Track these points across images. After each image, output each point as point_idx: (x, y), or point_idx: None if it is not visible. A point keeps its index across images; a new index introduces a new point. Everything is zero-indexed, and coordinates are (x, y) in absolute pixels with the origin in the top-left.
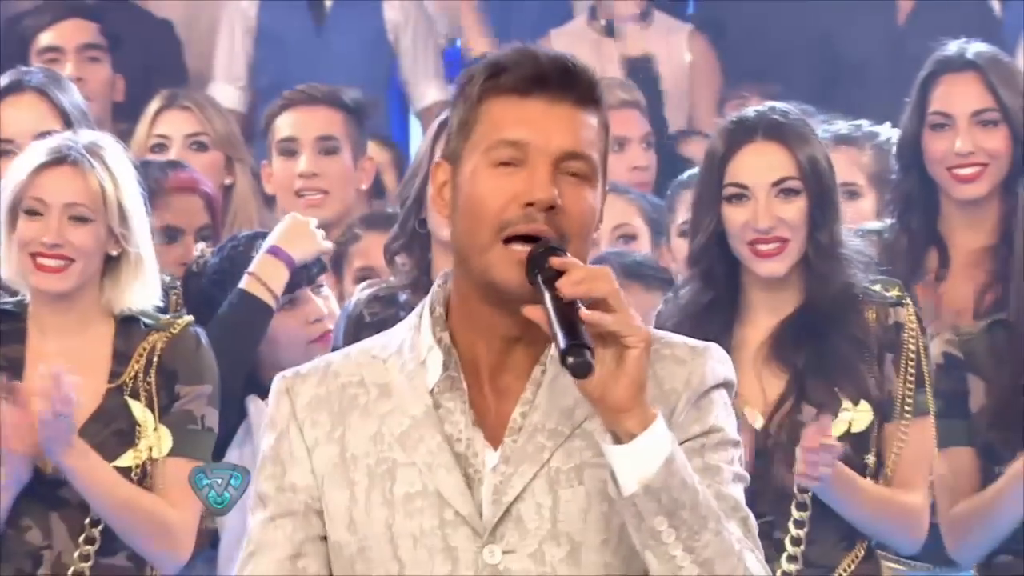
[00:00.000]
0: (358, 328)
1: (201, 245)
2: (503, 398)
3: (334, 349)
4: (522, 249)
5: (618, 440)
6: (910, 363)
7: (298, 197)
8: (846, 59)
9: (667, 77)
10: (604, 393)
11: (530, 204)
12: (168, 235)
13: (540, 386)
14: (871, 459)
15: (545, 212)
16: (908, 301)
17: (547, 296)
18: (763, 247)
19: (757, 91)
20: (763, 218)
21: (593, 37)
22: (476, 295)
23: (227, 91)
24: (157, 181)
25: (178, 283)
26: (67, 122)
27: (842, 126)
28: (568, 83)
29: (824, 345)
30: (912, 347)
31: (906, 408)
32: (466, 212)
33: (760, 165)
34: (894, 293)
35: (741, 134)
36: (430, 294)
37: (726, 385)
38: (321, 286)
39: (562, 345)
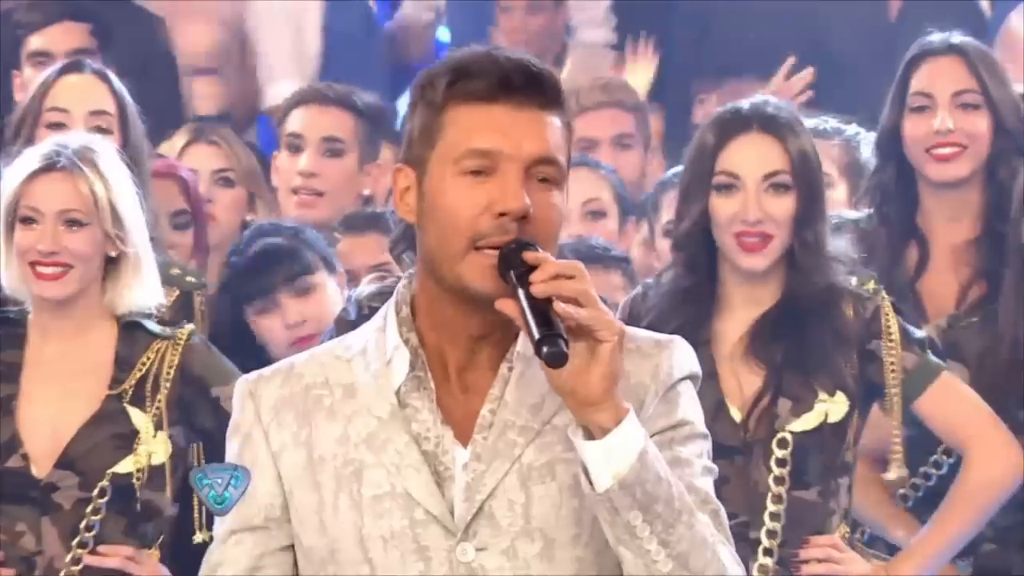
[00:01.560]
0: (355, 322)
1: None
2: (471, 396)
3: (330, 337)
4: (493, 254)
5: (590, 435)
6: (895, 346)
7: (294, 195)
8: (836, 56)
9: None
10: (576, 387)
11: (503, 214)
12: None
13: (508, 383)
14: (850, 455)
15: (517, 221)
16: (884, 293)
17: (520, 291)
18: (748, 240)
19: (735, 87)
20: (752, 210)
21: None
22: (445, 298)
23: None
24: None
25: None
26: (121, 106)
27: (808, 122)
28: (533, 87)
29: (802, 339)
30: (893, 333)
31: (915, 382)
32: (436, 222)
33: (753, 156)
34: (869, 286)
35: (735, 124)
36: (394, 294)
37: (692, 378)
38: (306, 288)
39: (536, 335)
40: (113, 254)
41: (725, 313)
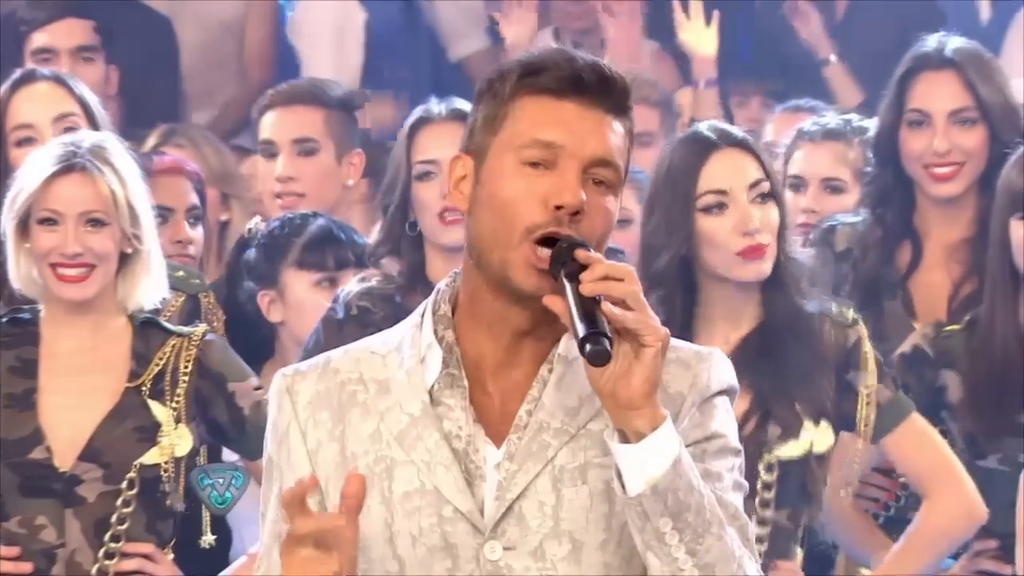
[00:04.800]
0: (343, 321)
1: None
2: (508, 396)
3: (316, 336)
4: (543, 253)
5: (626, 439)
6: (871, 378)
7: (277, 199)
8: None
9: None
10: (616, 389)
11: (559, 207)
12: (159, 215)
13: (547, 385)
14: (821, 483)
15: (571, 216)
16: (862, 325)
17: (568, 289)
18: (749, 252)
19: (759, 89)
20: (748, 221)
21: None
22: (488, 289)
23: None
24: (143, 167)
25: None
26: (84, 106)
27: (831, 120)
28: (603, 89)
29: (784, 361)
30: (871, 365)
31: (886, 419)
32: (491, 209)
33: (734, 170)
34: (849, 315)
35: (704, 144)
36: (434, 292)
37: (728, 391)
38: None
39: (581, 333)
40: (128, 251)
41: (703, 335)
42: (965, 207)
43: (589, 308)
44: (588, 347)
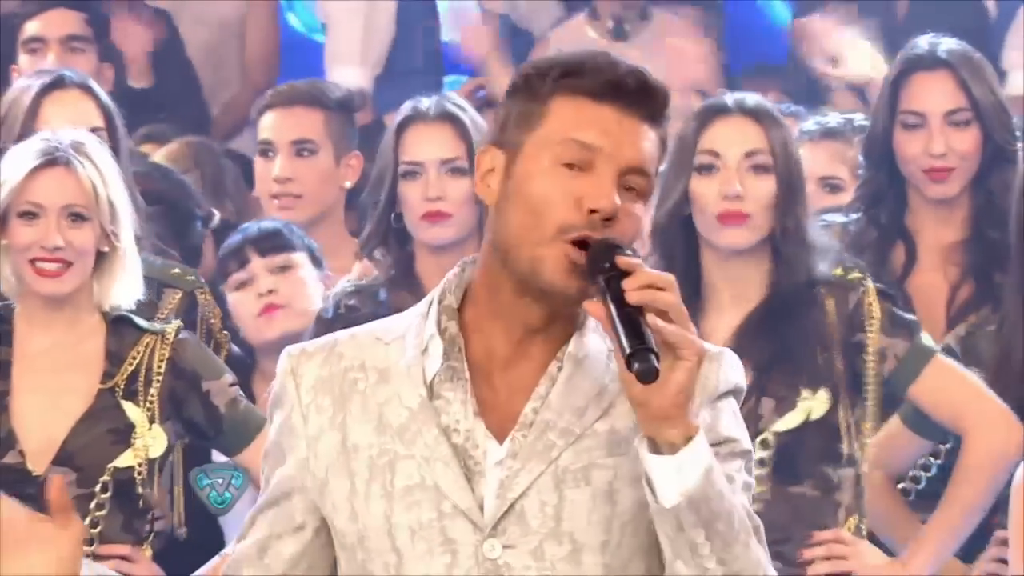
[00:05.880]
0: (332, 320)
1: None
2: (515, 391)
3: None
4: (578, 255)
5: (656, 448)
6: (874, 334)
7: (274, 200)
8: None
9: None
10: (650, 400)
11: (594, 211)
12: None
13: (555, 383)
14: (846, 447)
15: (604, 221)
16: (868, 283)
17: (609, 296)
18: (728, 217)
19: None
20: (730, 184)
21: (593, 37)
22: (511, 284)
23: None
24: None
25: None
26: (108, 118)
27: (832, 119)
28: (643, 96)
29: (786, 338)
30: (875, 322)
31: (908, 368)
32: (523, 206)
33: (733, 135)
34: (853, 276)
35: (714, 110)
36: (443, 281)
37: (735, 392)
38: (282, 265)
39: (628, 349)
40: (105, 249)
41: (712, 314)
42: (958, 208)
43: (633, 319)
44: (636, 364)
